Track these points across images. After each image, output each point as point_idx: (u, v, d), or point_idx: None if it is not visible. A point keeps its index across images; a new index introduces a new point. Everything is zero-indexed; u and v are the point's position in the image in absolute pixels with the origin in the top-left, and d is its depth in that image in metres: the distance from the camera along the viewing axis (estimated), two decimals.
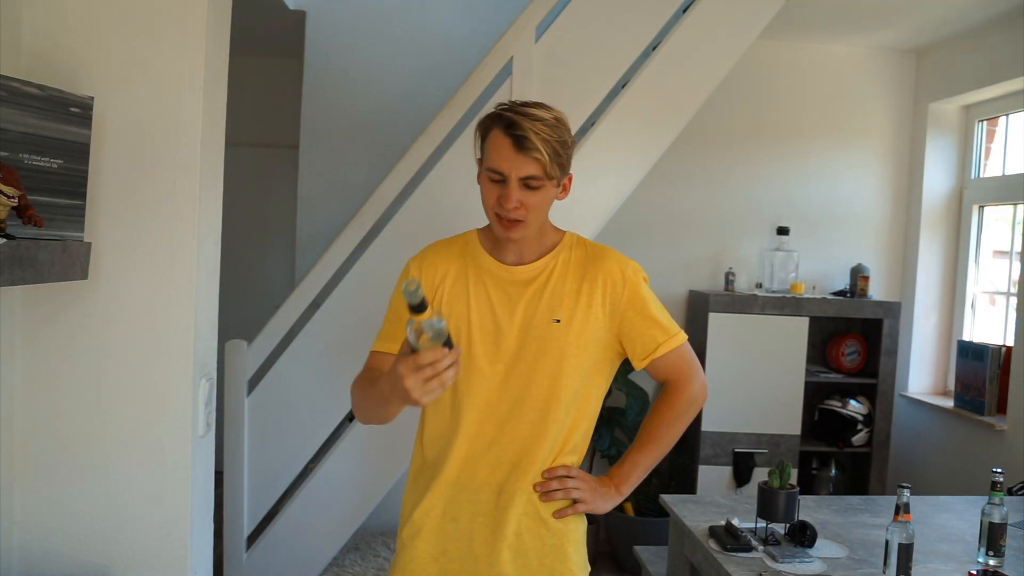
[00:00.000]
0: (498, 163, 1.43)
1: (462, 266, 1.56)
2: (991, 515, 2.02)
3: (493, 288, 1.53)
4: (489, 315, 1.52)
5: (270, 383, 2.85)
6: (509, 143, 1.42)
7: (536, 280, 1.54)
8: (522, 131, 1.40)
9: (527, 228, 1.48)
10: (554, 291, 1.53)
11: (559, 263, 1.56)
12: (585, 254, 1.58)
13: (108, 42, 1.68)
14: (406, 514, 1.58)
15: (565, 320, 1.51)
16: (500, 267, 1.55)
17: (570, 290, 1.53)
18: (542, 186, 1.45)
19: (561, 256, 1.57)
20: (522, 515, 1.53)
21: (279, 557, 2.83)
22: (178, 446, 1.73)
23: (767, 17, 2.75)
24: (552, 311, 1.51)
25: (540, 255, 1.56)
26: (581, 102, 2.74)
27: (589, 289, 1.54)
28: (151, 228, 1.71)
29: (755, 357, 3.73)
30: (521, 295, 1.53)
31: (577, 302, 1.53)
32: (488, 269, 1.55)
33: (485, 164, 1.47)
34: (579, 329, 1.51)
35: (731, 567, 1.98)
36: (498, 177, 1.44)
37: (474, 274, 1.55)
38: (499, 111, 1.46)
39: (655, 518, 3.73)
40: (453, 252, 1.58)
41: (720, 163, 4.07)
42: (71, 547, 1.72)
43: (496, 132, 1.44)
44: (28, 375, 1.70)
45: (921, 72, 4.11)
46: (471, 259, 1.57)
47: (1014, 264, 3.72)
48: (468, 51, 3.49)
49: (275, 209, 4.76)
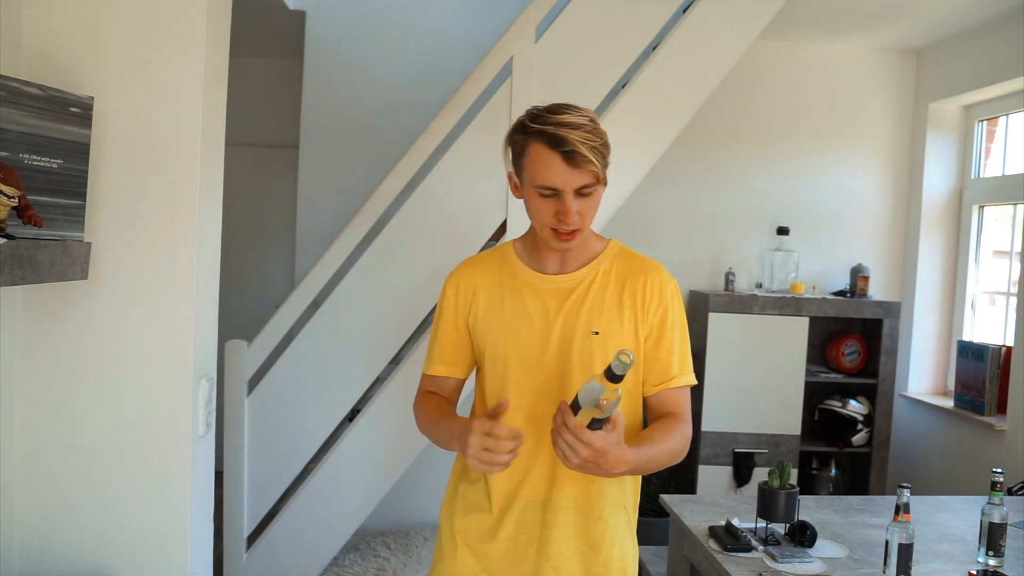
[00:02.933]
0: (550, 180, 1.38)
1: (497, 278, 1.54)
2: (991, 515, 2.02)
3: (531, 299, 1.50)
4: (527, 326, 1.49)
5: (270, 383, 2.85)
6: (559, 159, 1.37)
7: (576, 290, 1.50)
8: (571, 146, 1.36)
9: (583, 234, 1.46)
10: (594, 302, 1.49)
11: (600, 273, 1.52)
12: (627, 265, 1.53)
13: (108, 42, 1.68)
14: (448, 522, 1.58)
15: (604, 332, 1.47)
16: (539, 277, 1.52)
17: (610, 302, 1.49)
18: (595, 191, 1.43)
19: (603, 266, 1.52)
20: (564, 535, 1.48)
21: (279, 557, 2.83)
22: (178, 446, 1.73)
23: (767, 17, 2.75)
24: (591, 323, 1.47)
25: (582, 264, 1.52)
26: (581, 102, 2.69)
27: (630, 302, 1.49)
28: (151, 228, 1.71)
29: (755, 357, 3.73)
30: (560, 306, 1.49)
31: (618, 315, 1.49)
32: (526, 280, 1.52)
33: (532, 182, 1.41)
34: (617, 342, 1.47)
35: (731, 567, 1.98)
36: (550, 193, 1.40)
37: (511, 285, 1.52)
38: (536, 126, 1.39)
39: (655, 518, 3.73)
40: (487, 265, 1.57)
41: (720, 163, 4.07)
42: (71, 547, 1.72)
43: (539, 148, 1.38)
44: (28, 375, 1.70)
45: (921, 72, 4.11)
46: (507, 271, 1.55)
47: (1014, 264, 3.72)
48: (468, 51, 3.49)
49: (275, 209, 4.76)
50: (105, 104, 1.65)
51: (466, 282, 1.56)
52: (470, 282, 1.55)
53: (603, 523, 1.50)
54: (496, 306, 1.52)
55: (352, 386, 2.84)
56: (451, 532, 1.56)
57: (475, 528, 1.54)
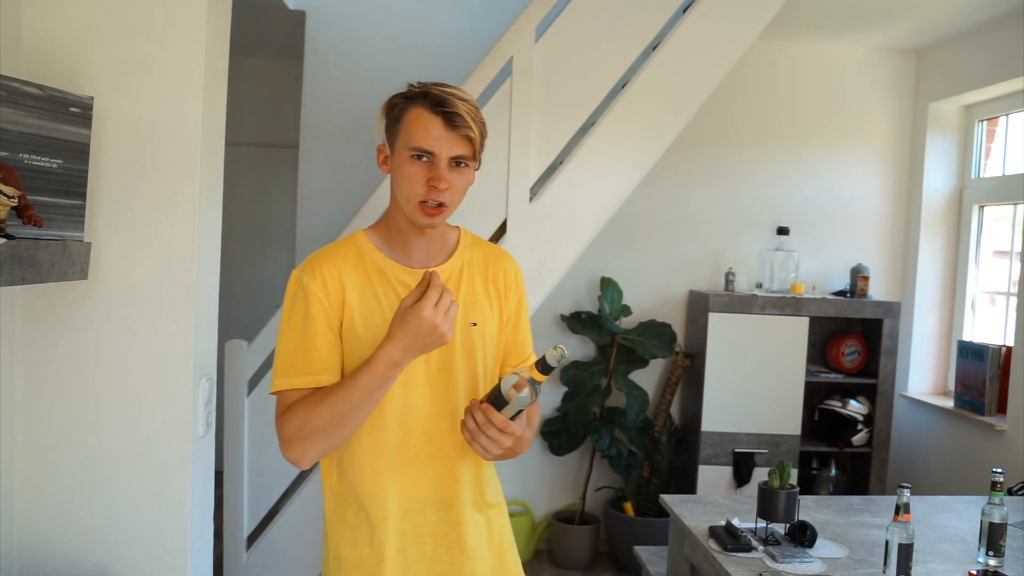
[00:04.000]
0: (426, 142, 1.34)
1: (364, 275, 1.41)
2: (991, 515, 2.02)
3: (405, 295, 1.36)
4: None
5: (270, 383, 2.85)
6: (439, 121, 1.33)
7: (448, 282, 1.44)
8: (453, 108, 1.33)
9: (448, 213, 1.40)
10: (466, 293, 1.46)
11: (465, 263, 1.48)
12: (485, 253, 1.52)
13: (108, 42, 1.68)
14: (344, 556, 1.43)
15: (480, 323, 1.46)
16: (407, 272, 1.42)
17: (480, 291, 1.48)
18: (468, 167, 1.39)
19: (465, 255, 1.50)
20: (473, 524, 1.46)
21: (279, 557, 2.83)
22: (178, 446, 1.73)
23: (767, 17, 2.75)
24: (467, 315, 1.44)
25: (447, 255, 1.48)
26: (581, 102, 2.74)
27: (494, 290, 1.50)
28: (151, 228, 1.71)
29: (755, 357, 3.73)
30: None
31: (486, 303, 1.48)
32: (395, 275, 1.42)
33: (407, 144, 1.35)
34: (491, 330, 1.48)
35: (731, 567, 1.98)
36: (424, 156, 1.34)
37: (381, 283, 1.41)
38: (420, 90, 1.37)
39: (655, 518, 3.73)
40: (349, 261, 1.42)
41: (720, 163, 4.07)
42: (71, 547, 1.72)
43: (419, 111, 1.35)
44: (28, 375, 1.70)
45: (921, 72, 4.11)
46: (372, 266, 1.42)
47: (1014, 264, 3.72)
48: (468, 51, 3.49)
49: (275, 209, 4.76)
50: (105, 104, 1.65)
51: (333, 278, 1.38)
52: (336, 278, 1.38)
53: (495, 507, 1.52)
54: (372, 304, 1.40)
55: None
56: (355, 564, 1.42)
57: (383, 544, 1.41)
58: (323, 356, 1.37)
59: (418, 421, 1.41)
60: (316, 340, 1.37)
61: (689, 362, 3.93)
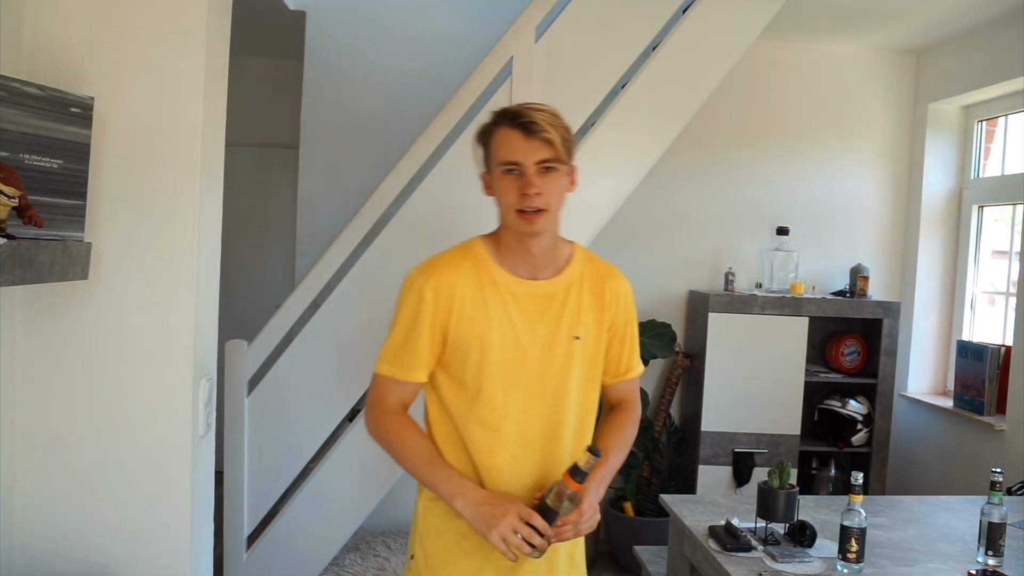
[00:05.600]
0: (511, 154, 1.44)
1: (477, 283, 1.51)
2: (990, 515, 2.03)
3: (513, 305, 1.51)
4: (511, 333, 1.50)
5: (270, 383, 2.85)
6: (518, 133, 1.43)
7: (556, 296, 1.54)
8: (528, 118, 1.43)
9: (549, 218, 1.48)
10: (573, 308, 1.54)
11: (575, 278, 1.57)
12: (596, 270, 1.61)
13: (108, 42, 1.68)
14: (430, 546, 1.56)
15: (584, 337, 1.54)
16: (519, 282, 1.53)
17: (587, 306, 1.56)
18: (556, 169, 1.46)
19: (576, 270, 1.58)
20: None
21: (279, 557, 2.83)
22: (178, 446, 1.73)
23: (767, 17, 2.75)
24: (572, 328, 1.53)
25: (557, 269, 1.56)
26: (581, 102, 2.74)
27: (601, 306, 1.57)
28: (151, 228, 1.71)
29: (755, 357, 3.73)
30: (542, 312, 1.52)
31: (591, 318, 1.56)
32: (506, 285, 1.52)
33: (496, 161, 1.47)
34: (594, 345, 1.56)
35: (731, 567, 1.98)
36: (513, 168, 1.44)
37: (492, 291, 1.51)
38: (501, 110, 1.49)
39: (655, 518, 3.73)
40: (465, 268, 1.52)
41: (720, 163, 4.07)
42: (71, 547, 1.72)
43: (502, 130, 1.46)
44: (28, 375, 1.70)
45: (921, 72, 4.11)
46: (486, 275, 1.52)
47: (1013, 264, 3.72)
48: (468, 51, 3.48)
49: (275, 209, 4.76)
50: (105, 104, 1.65)
51: (446, 285, 1.50)
52: (449, 285, 1.50)
53: None
54: (480, 311, 1.50)
55: (352, 386, 2.84)
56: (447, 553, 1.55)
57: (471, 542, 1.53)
58: (421, 356, 1.51)
59: (516, 425, 1.51)
60: (419, 341, 1.51)
61: (689, 362, 3.93)
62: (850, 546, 1.94)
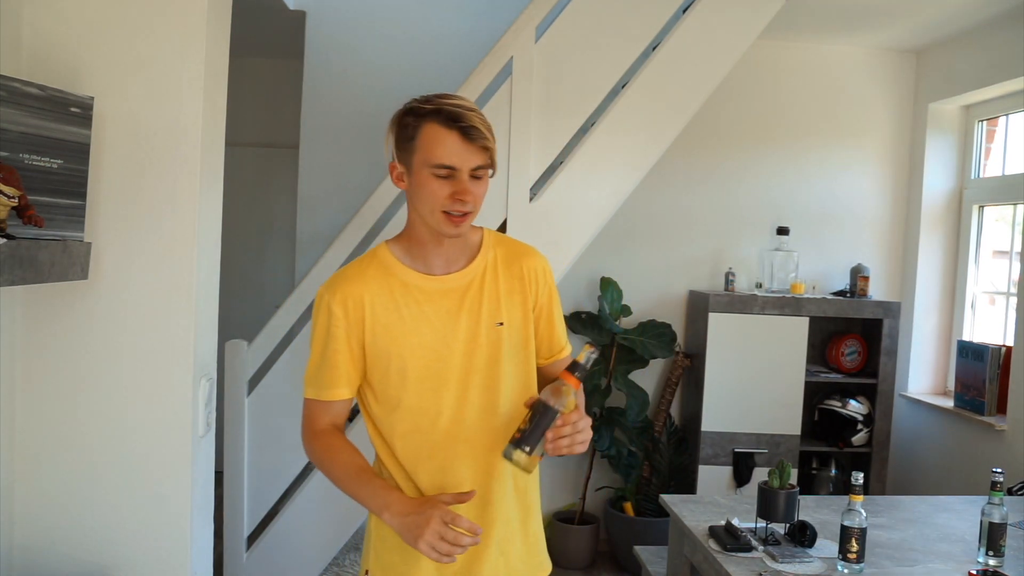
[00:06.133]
0: (447, 157, 1.37)
1: (387, 289, 1.46)
2: (991, 515, 2.02)
3: (427, 305, 1.46)
4: (430, 334, 1.46)
5: (270, 383, 2.85)
6: (456, 136, 1.36)
7: (472, 285, 1.49)
8: (468, 122, 1.36)
9: (472, 220, 1.44)
10: (490, 294, 1.50)
11: (488, 264, 1.52)
12: (508, 251, 1.55)
13: (108, 42, 1.68)
14: (387, 536, 1.51)
15: (507, 321, 1.50)
16: (428, 279, 1.48)
17: (504, 290, 1.51)
18: (485, 176, 1.43)
19: (489, 255, 1.53)
20: (506, 522, 1.52)
21: (279, 557, 2.83)
22: (178, 446, 1.73)
23: (767, 17, 2.75)
24: (493, 315, 1.49)
25: (469, 258, 1.51)
26: (581, 102, 2.74)
27: (520, 287, 1.53)
28: (151, 228, 1.71)
29: (755, 357, 3.73)
30: (460, 304, 1.48)
31: (512, 301, 1.51)
32: (417, 285, 1.47)
33: (427, 162, 1.38)
34: (521, 327, 1.52)
35: (731, 567, 1.98)
36: (446, 173, 1.38)
37: (402, 294, 1.46)
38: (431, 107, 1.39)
39: (655, 518, 3.73)
40: (371, 276, 1.47)
41: (720, 163, 4.07)
42: (71, 547, 1.72)
43: (434, 127, 1.38)
44: (28, 375, 1.70)
45: (921, 72, 4.11)
46: (395, 279, 1.47)
47: (1014, 264, 3.72)
48: (468, 51, 3.49)
49: (275, 209, 4.76)
50: (105, 104, 1.65)
51: (354, 297, 1.45)
52: (357, 296, 1.45)
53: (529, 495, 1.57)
54: (393, 317, 1.45)
55: None
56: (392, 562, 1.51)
57: None
58: (340, 372, 1.47)
59: (451, 422, 1.47)
60: (336, 357, 1.46)
61: (689, 362, 3.93)
62: (850, 546, 1.94)
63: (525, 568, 1.56)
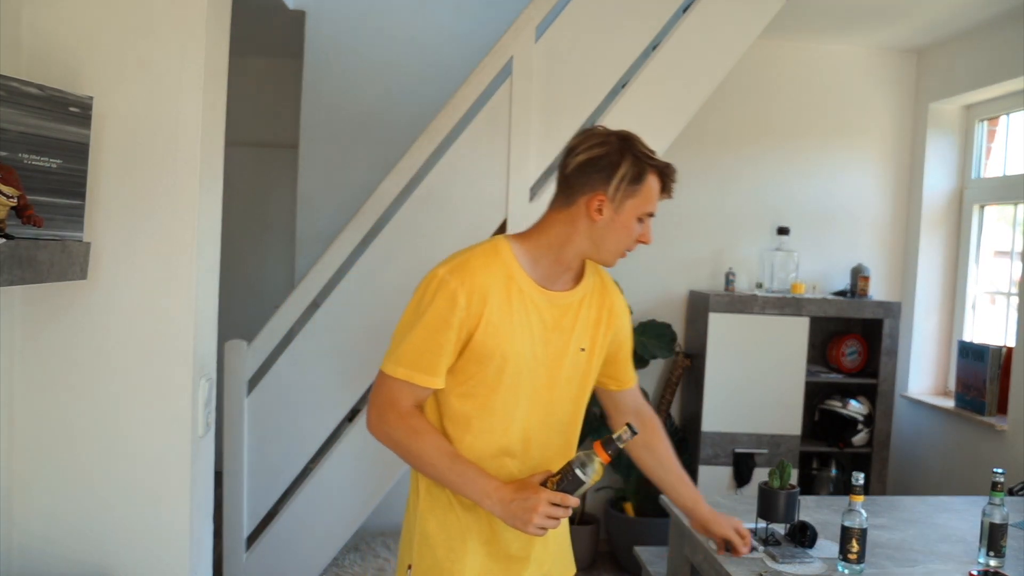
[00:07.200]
0: (653, 207, 1.54)
1: (506, 290, 1.49)
2: (992, 515, 2.02)
3: (535, 315, 1.52)
4: (528, 344, 1.51)
5: (270, 383, 2.85)
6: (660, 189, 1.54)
7: (571, 307, 1.57)
8: (674, 180, 1.55)
9: None
10: (584, 320, 1.58)
11: (588, 290, 1.61)
12: (601, 282, 1.66)
13: (108, 42, 1.68)
14: (431, 533, 1.54)
15: (588, 349, 1.59)
16: (542, 293, 1.54)
17: (594, 319, 1.60)
18: None
19: (589, 283, 1.62)
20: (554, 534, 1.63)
21: (279, 557, 2.83)
22: (178, 446, 1.73)
23: (767, 17, 2.75)
24: (579, 340, 1.57)
25: (575, 281, 1.60)
26: (581, 102, 2.74)
27: (606, 319, 1.62)
28: (151, 228, 1.70)
29: (755, 357, 3.73)
30: (557, 322, 1.55)
31: (596, 331, 1.60)
32: (531, 295, 1.52)
33: (641, 209, 1.52)
34: (597, 356, 1.61)
35: (731, 567, 1.98)
36: (647, 219, 1.54)
37: (518, 299, 1.50)
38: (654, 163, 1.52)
39: (655, 518, 3.73)
40: (496, 275, 1.49)
41: (720, 163, 4.06)
42: (71, 547, 1.72)
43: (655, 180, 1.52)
44: (28, 375, 1.70)
45: (921, 72, 4.10)
46: (514, 282, 1.51)
47: (1015, 264, 3.72)
48: (468, 51, 3.49)
49: (275, 209, 4.76)
50: (105, 104, 1.65)
51: (480, 291, 1.46)
52: (483, 291, 1.46)
53: None
54: (505, 319, 1.49)
55: (352, 386, 2.84)
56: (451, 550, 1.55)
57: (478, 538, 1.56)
58: (444, 361, 1.48)
59: (519, 431, 1.54)
60: (447, 346, 1.47)
61: (689, 362, 3.93)
62: (851, 547, 1.94)
63: (558, 569, 1.67)
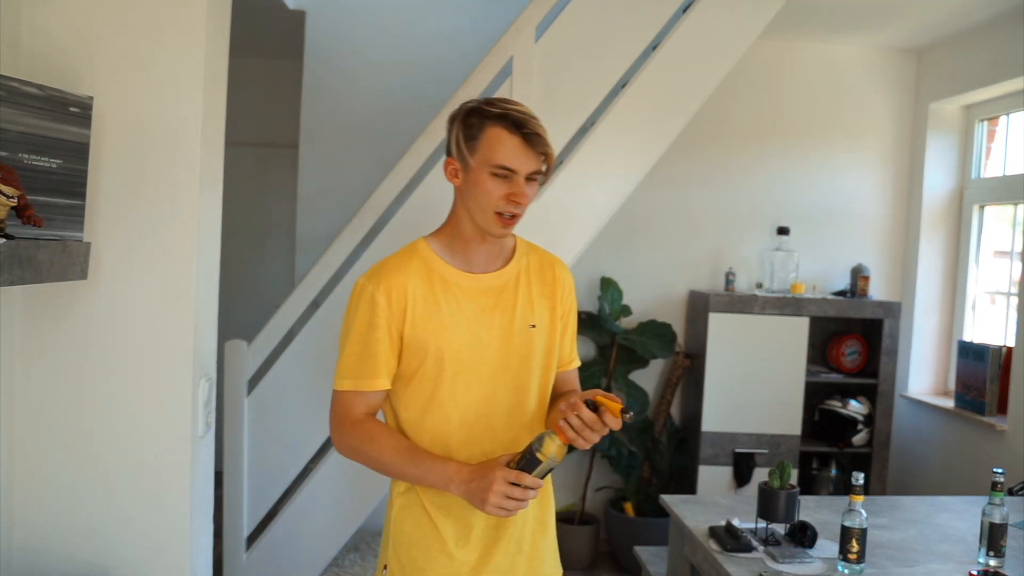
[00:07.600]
0: (509, 160, 1.44)
1: (427, 283, 1.50)
2: (992, 515, 2.02)
3: (465, 301, 1.51)
4: (466, 329, 1.50)
5: (270, 383, 2.85)
6: (519, 141, 1.43)
7: (507, 286, 1.55)
8: (533, 130, 1.43)
9: (518, 222, 1.51)
10: (524, 296, 1.56)
11: (522, 268, 1.58)
12: (540, 259, 1.63)
13: (108, 42, 1.68)
14: (408, 531, 1.53)
15: (539, 325, 1.56)
16: (467, 277, 1.52)
17: (537, 294, 1.58)
18: (536, 181, 1.49)
19: (523, 261, 1.59)
20: (523, 522, 1.57)
21: (279, 557, 2.83)
22: (178, 446, 1.73)
23: (767, 17, 2.74)
24: (526, 317, 1.55)
25: (505, 260, 1.58)
26: (581, 102, 2.74)
27: (550, 293, 1.59)
28: (151, 228, 1.71)
29: (755, 357, 3.73)
30: (496, 303, 1.53)
31: (543, 305, 1.57)
32: (456, 282, 1.52)
33: (489, 162, 1.44)
34: (549, 332, 1.58)
35: (731, 567, 1.98)
36: (504, 174, 1.44)
37: (442, 289, 1.50)
38: (497, 110, 1.45)
39: (655, 518, 3.73)
40: (412, 269, 1.51)
41: (720, 163, 4.06)
42: (71, 547, 1.72)
43: (499, 130, 1.44)
44: (27, 375, 1.70)
45: (921, 72, 4.10)
46: (435, 274, 1.51)
47: (1014, 264, 3.72)
48: (468, 51, 3.48)
49: (275, 209, 4.76)
50: (105, 104, 1.65)
51: (398, 288, 1.48)
52: (401, 287, 1.48)
53: (547, 499, 1.66)
54: (433, 311, 1.49)
55: None
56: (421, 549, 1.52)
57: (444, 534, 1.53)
58: (382, 362, 1.49)
59: (479, 418, 1.52)
60: (378, 347, 1.48)
61: (689, 362, 3.93)
62: (851, 546, 1.94)
63: (543, 567, 1.65)
